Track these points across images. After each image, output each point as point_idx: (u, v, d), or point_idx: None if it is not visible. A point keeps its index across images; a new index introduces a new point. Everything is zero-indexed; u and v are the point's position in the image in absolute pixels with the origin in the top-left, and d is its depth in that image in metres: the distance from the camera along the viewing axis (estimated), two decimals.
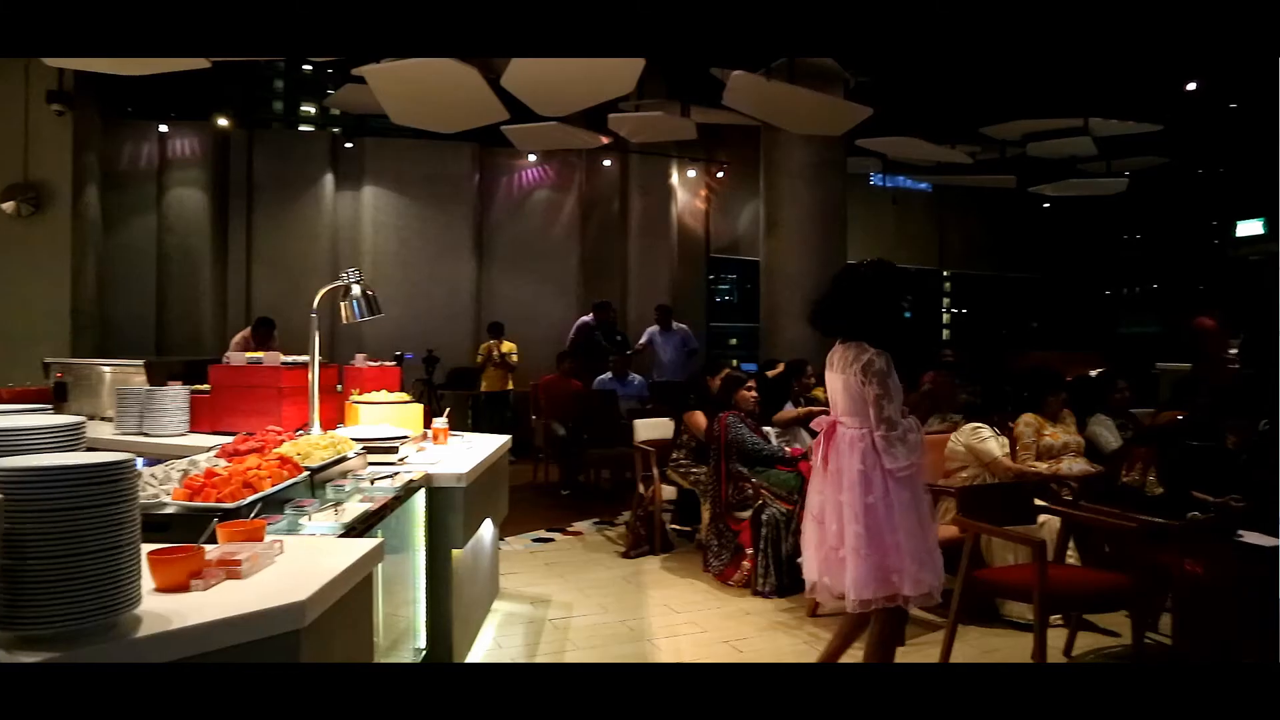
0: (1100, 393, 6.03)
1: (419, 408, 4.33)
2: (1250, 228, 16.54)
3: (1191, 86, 9.74)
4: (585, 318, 10.38)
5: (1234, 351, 8.66)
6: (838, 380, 3.30)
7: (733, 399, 5.49)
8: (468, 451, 3.98)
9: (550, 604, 4.88)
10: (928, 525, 3.21)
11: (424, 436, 4.18)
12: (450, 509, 3.47)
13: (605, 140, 9.47)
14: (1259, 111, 11.64)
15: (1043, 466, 4.96)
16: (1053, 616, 3.70)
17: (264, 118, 12.10)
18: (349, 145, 11.06)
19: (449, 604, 3.55)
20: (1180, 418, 4.77)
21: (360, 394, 4.31)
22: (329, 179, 10.99)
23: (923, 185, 14.77)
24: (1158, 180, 12.94)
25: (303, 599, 1.77)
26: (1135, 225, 17.14)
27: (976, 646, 4.22)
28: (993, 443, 4.92)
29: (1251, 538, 3.89)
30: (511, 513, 4.98)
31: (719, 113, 8.74)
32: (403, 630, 3.33)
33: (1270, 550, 3.79)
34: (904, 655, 4.11)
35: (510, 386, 9.97)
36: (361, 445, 3.49)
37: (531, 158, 11.73)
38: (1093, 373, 8.39)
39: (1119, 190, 11.81)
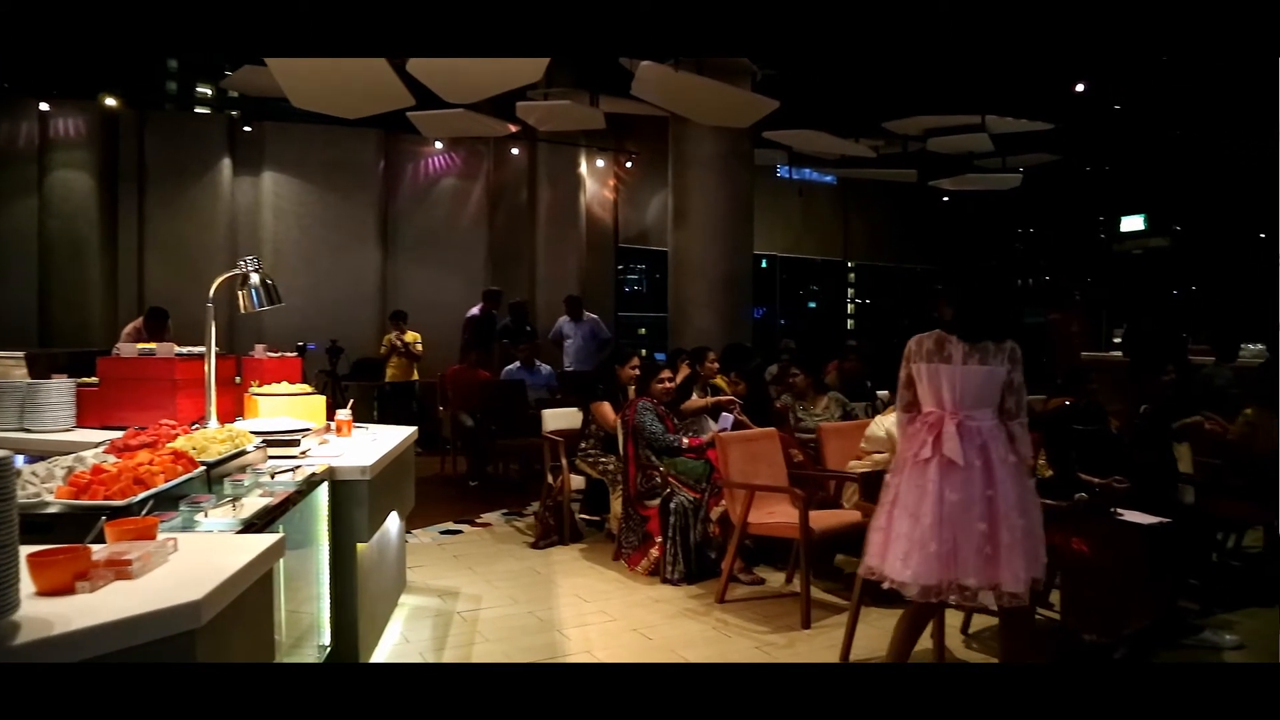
0: None
1: (321, 399, 4.23)
2: (1132, 223, 17.37)
3: (1080, 88, 10.16)
4: (474, 310, 10.30)
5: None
6: (971, 373, 3.20)
7: (648, 389, 5.51)
8: (372, 444, 3.91)
9: (459, 596, 4.84)
10: None
11: (327, 429, 4.08)
12: (354, 502, 3.40)
13: (513, 129, 9.39)
14: (1141, 113, 12.22)
15: None
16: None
17: (156, 98, 11.62)
18: (248, 129, 10.69)
19: (354, 599, 3.48)
20: (1068, 404, 4.97)
21: (260, 386, 4.18)
22: (226, 164, 10.61)
23: (828, 178, 15.06)
24: (1049, 177, 13.46)
25: (198, 598, 1.71)
26: (1028, 219, 17.81)
27: (879, 628, 4.32)
28: None
29: (1132, 516, 4.10)
30: (419, 505, 4.91)
31: (628, 103, 8.75)
32: (306, 627, 3.25)
33: (1150, 528, 4.01)
34: (808, 638, 4.22)
35: (416, 377, 9.82)
36: (261, 439, 3.39)
37: (438, 145, 11.55)
38: None
39: (1013, 186, 12.24)
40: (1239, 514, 5.05)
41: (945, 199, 15.43)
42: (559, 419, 6.37)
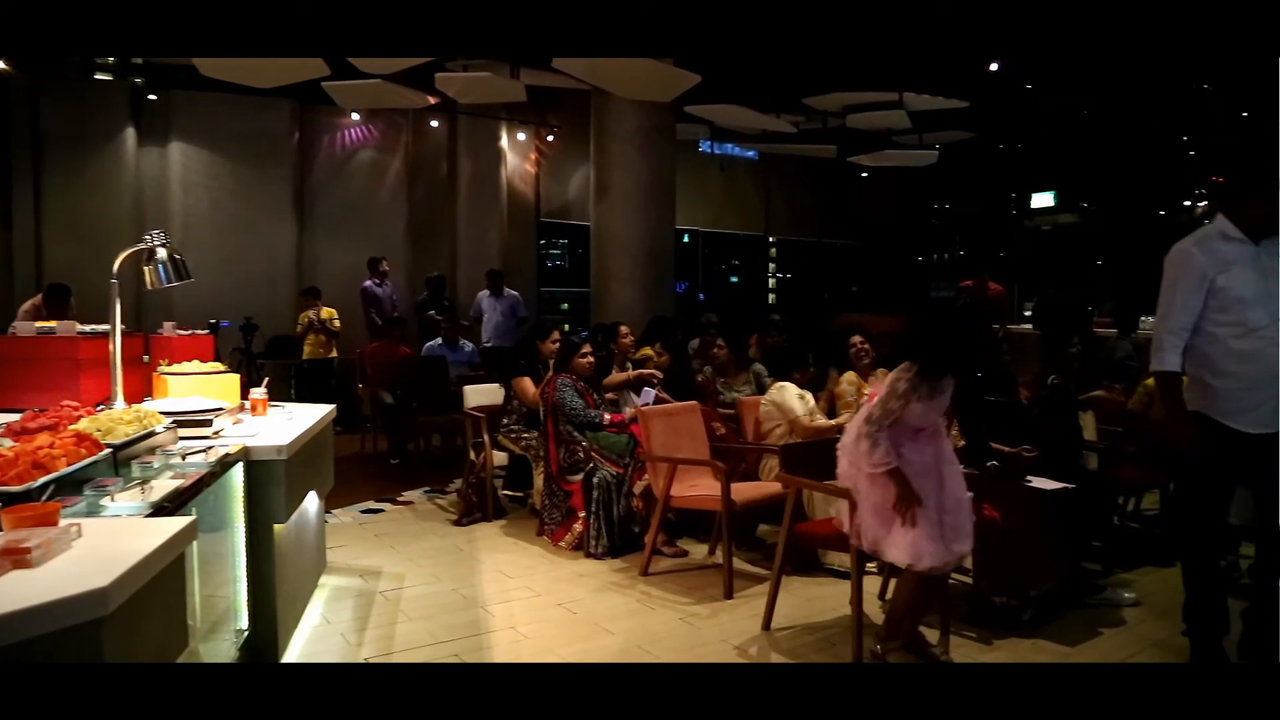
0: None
1: (235, 378, 4.12)
2: (1043, 199, 17.89)
3: (994, 68, 10.37)
4: (366, 282, 10.15)
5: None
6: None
7: (569, 364, 5.50)
8: (289, 422, 3.83)
9: (381, 576, 4.79)
10: None
11: (241, 408, 3.98)
12: (271, 483, 3.33)
13: (432, 100, 9.20)
14: (1053, 93, 12.55)
15: (836, 421, 5.12)
16: (869, 564, 3.92)
17: (52, 63, 11.06)
18: (153, 97, 10.25)
19: (272, 582, 3.41)
20: (979, 375, 5.12)
21: (169, 365, 4.05)
22: (130, 133, 10.18)
23: (749, 153, 15.14)
24: (964, 154, 13.75)
25: (104, 585, 1.66)
26: (944, 195, 18.20)
27: (800, 596, 4.43)
28: (796, 400, 5.15)
29: (1039, 483, 4.25)
30: (339, 484, 4.84)
31: (549, 75, 8.66)
32: (223, 612, 3.18)
33: (1055, 493, 4.16)
34: (731, 608, 4.29)
35: (334, 354, 9.62)
36: (171, 419, 3.29)
37: (355, 116, 11.27)
38: None
39: (930, 162, 12.46)
40: (1138, 479, 5.28)
41: (864, 174, 15.66)
42: (481, 395, 6.32)
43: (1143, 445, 5.29)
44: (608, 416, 5.38)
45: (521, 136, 12.67)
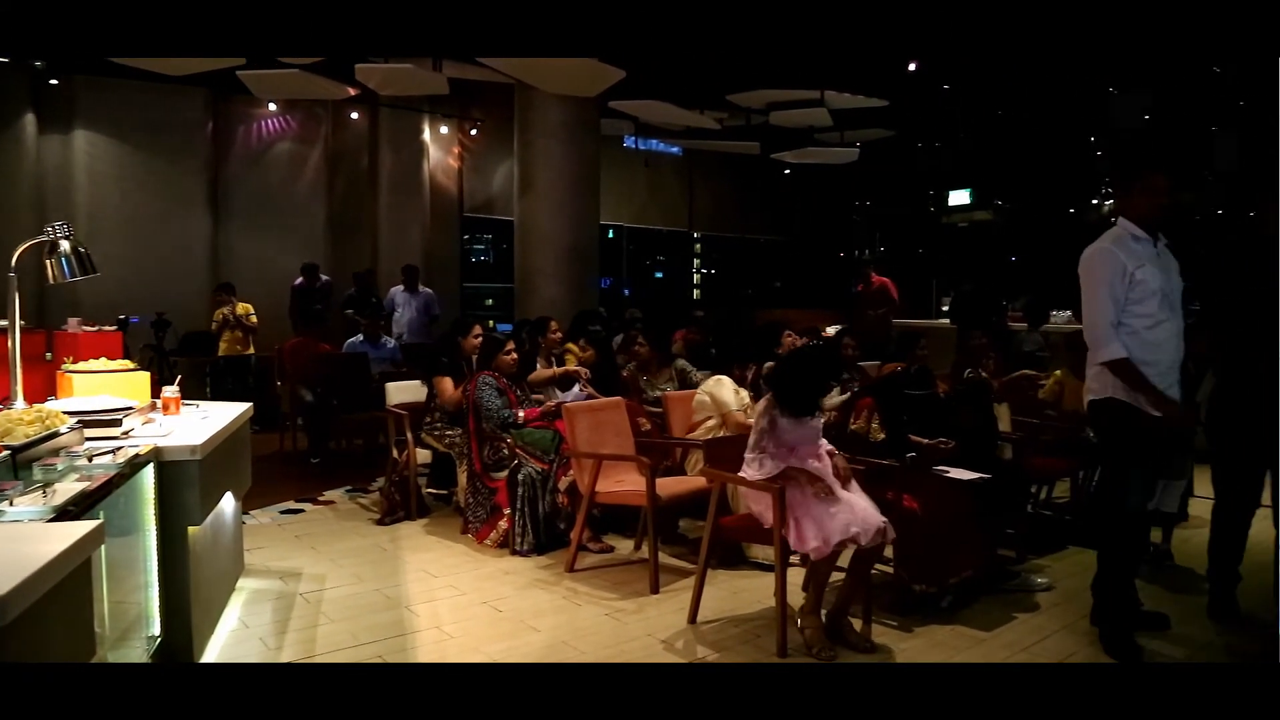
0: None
1: (145, 376, 3.98)
2: (959, 197, 18.36)
3: (912, 67, 10.60)
4: (297, 280, 9.97)
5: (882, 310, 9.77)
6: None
7: (492, 362, 5.45)
8: (203, 421, 3.71)
9: (301, 577, 4.68)
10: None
11: (152, 407, 3.85)
12: (184, 484, 3.22)
13: (353, 91, 9.02)
14: (967, 93, 12.88)
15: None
16: (792, 557, 3.97)
17: None
18: (54, 82, 9.85)
19: (186, 586, 3.31)
20: (899, 369, 5.23)
21: (74, 362, 3.90)
22: (30, 120, 9.76)
23: (674, 149, 15.20)
24: (884, 152, 14.03)
25: (2, 594, 1.58)
26: (865, 192, 18.54)
27: (725, 589, 4.46)
28: (731, 394, 5.21)
29: (957, 473, 4.36)
30: (257, 484, 4.71)
31: (472, 68, 8.58)
32: (134, 618, 3.07)
33: (972, 483, 4.28)
34: (657, 603, 4.30)
35: (251, 351, 9.37)
36: (77, 419, 3.16)
37: (272, 106, 10.99)
38: (830, 330, 9.05)
39: (851, 159, 12.69)
40: (1050, 468, 5.45)
41: (787, 171, 15.86)
42: (403, 392, 6.22)
43: (1056, 435, 5.47)
44: (521, 414, 5.32)
45: (444, 130, 12.52)
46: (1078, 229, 17.32)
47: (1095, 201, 17.15)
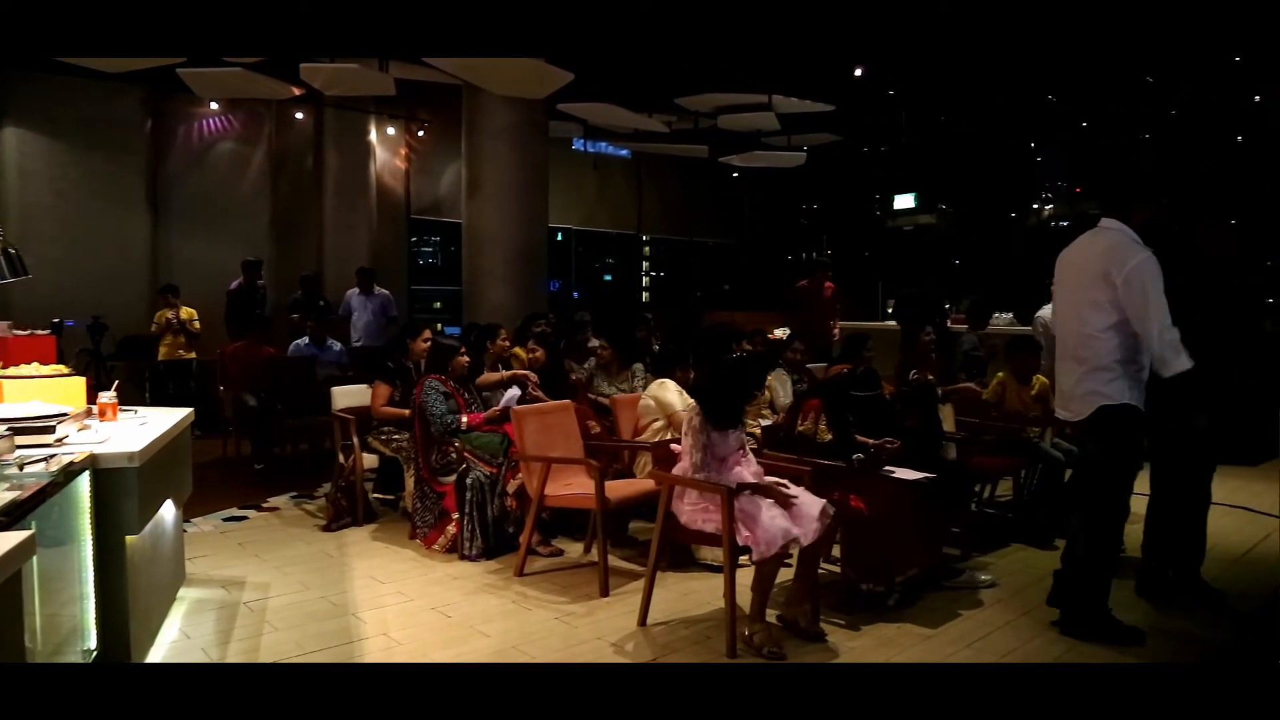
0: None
1: (81, 381, 3.88)
2: (904, 201, 18.64)
3: (858, 73, 10.73)
4: (235, 283, 9.81)
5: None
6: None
7: (444, 366, 5.41)
8: (141, 428, 3.63)
9: (245, 586, 4.59)
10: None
11: (88, 413, 3.75)
12: (122, 492, 3.15)
13: (297, 91, 8.88)
14: (912, 99, 13.08)
15: None
16: (742, 557, 3.99)
17: None
18: None
19: (124, 597, 3.23)
20: (846, 370, 5.29)
21: (5, 368, 3.79)
22: None
23: (623, 152, 15.21)
24: (831, 156, 14.19)
25: None
26: (812, 196, 18.74)
27: (675, 591, 4.48)
28: (675, 396, 5.23)
29: (902, 473, 4.42)
30: (199, 491, 4.62)
31: (419, 69, 8.50)
32: (69, 631, 2.99)
33: (917, 483, 4.34)
34: (607, 605, 4.30)
35: (192, 355, 9.18)
36: (7, 426, 3.08)
37: (213, 105, 10.78)
38: (778, 331, 9.12)
39: (798, 163, 12.79)
40: (993, 467, 5.56)
41: (735, 175, 15.95)
42: (350, 396, 6.14)
43: (998, 435, 5.57)
44: (464, 419, 5.27)
45: (391, 131, 12.39)
46: (1018, 233, 17.71)
47: (1035, 206, 17.53)
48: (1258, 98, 12.99)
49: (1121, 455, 3.85)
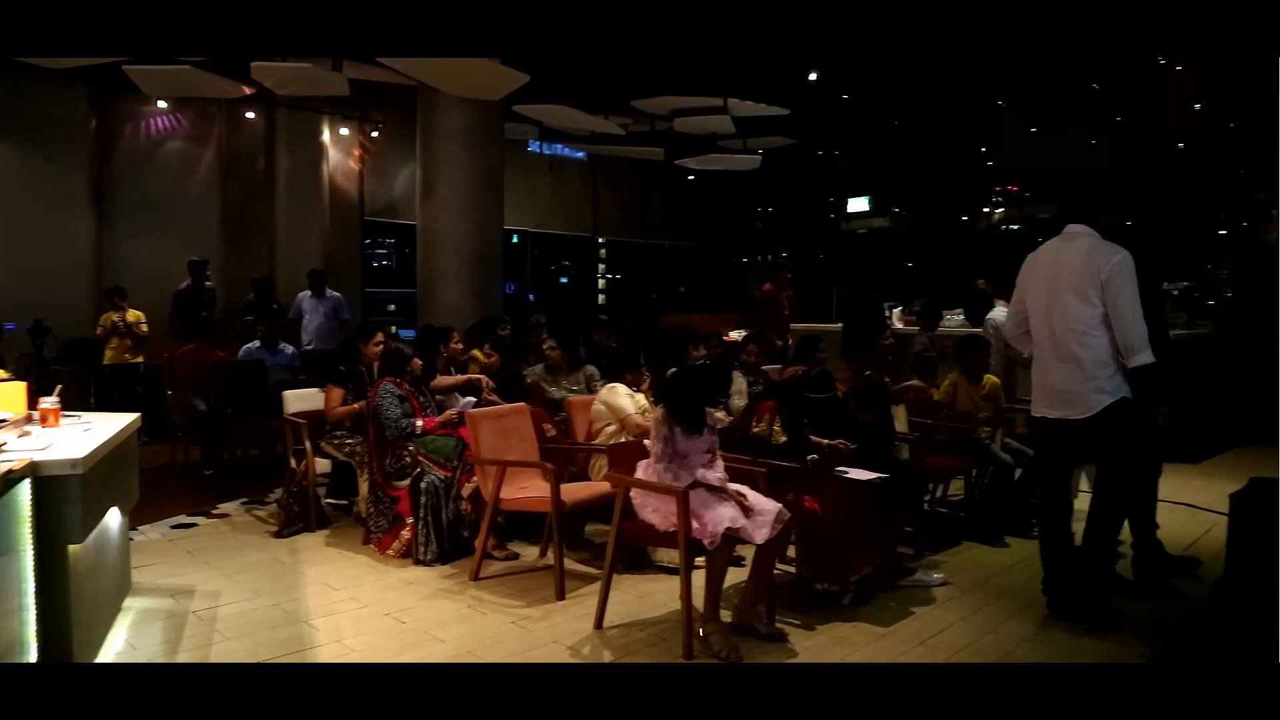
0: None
1: (20, 386, 3.79)
2: (859, 204, 18.84)
3: (813, 77, 10.83)
4: (184, 284, 9.65)
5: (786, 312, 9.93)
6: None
7: (403, 370, 5.36)
8: (85, 434, 3.55)
9: (194, 594, 4.50)
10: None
11: (28, 419, 3.66)
12: (64, 500, 3.07)
13: (248, 90, 8.72)
14: (866, 103, 13.23)
15: None
16: (697, 559, 4.00)
17: None
18: None
19: (66, 607, 3.15)
20: (800, 372, 5.33)
21: None
22: None
23: (578, 154, 15.19)
24: (786, 159, 14.29)
25: None
26: (767, 199, 18.86)
27: (631, 593, 4.47)
28: (626, 400, 5.23)
29: (856, 474, 4.47)
30: (146, 498, 4.53)
31: (373, 69, 8.40)
32: (7, 645, 2.92)
33: (870, 483, 4.39)
34: (563, 609, 4.29)
35: (140, 359, 8.99)
36: None
37: (161, 104, 10.57)
38: (735, 334, 9.17)
39: (754, 166, 12.86)
40: (944, 467, 5.63)
41: (690, 177, 16.00)
42: (302, 400, 6.06)
43: (950, 435, 5.65)
44: (419, 423, 5.22)
45: (345, 132, 12.26)
46: (971, 236, 17.98)
47: (986, 210, 17.81)
48: (1198, 106, 13.34)
49: (1139, 444, 4.12)
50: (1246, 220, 13.32)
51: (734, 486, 3.99)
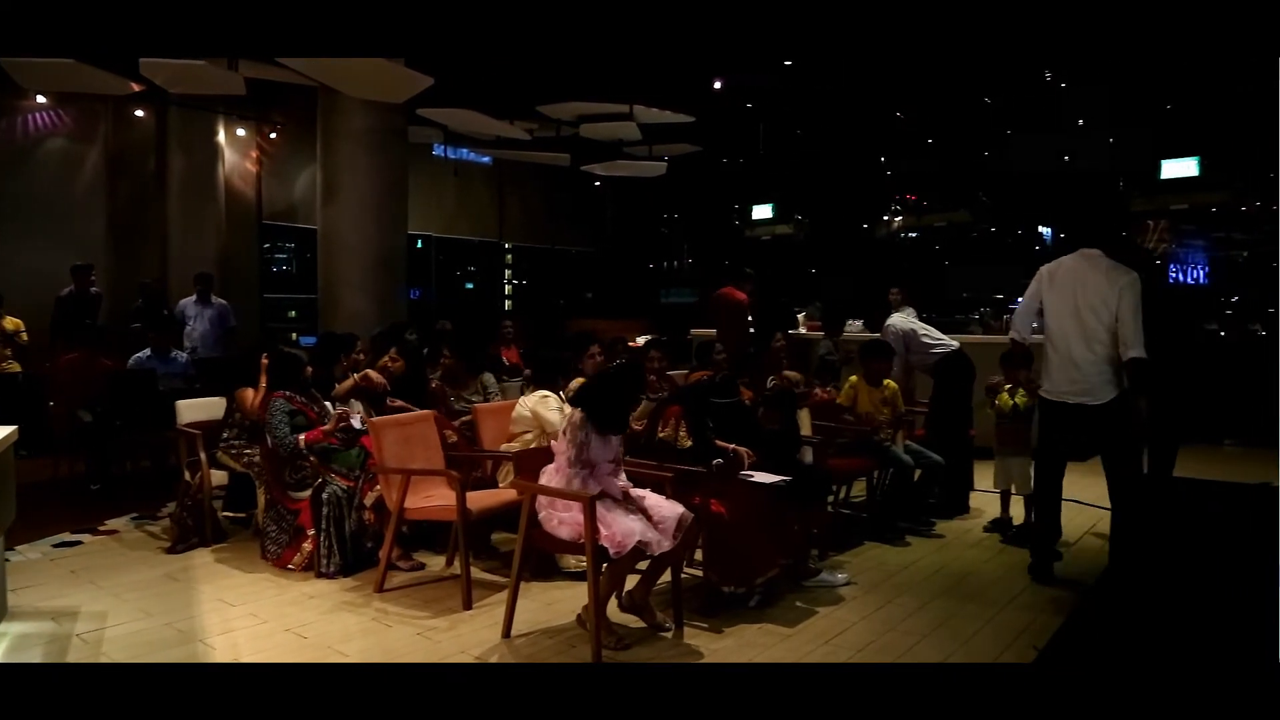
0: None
1: None
2: (762, 211, 19.18)
3: (718, 85, 10.98)
4: (65, 290, 9.26)
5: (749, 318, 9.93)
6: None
7: (291, 381, 5.20)
8: None
9: (78, 616, 4.28)
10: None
11: None
12: None
13: (137, 87, 8.37)
14: (769, 112, 13.47)
15: None
16: (605, 565, 3.99)
17: None
18: None
19: None
20: (705, 377, 5.37)
21: None
22: None
23: (484, 159, 15.07)
24: (691, 166, 14.44)
25: None
26: (673, 205, 19.03)
27: (539, 600, 4.44)
28: (556, 415, 5.14)
29: (760, 477, 4.53)
30: (25, 515, 4.30)
31: (271, 69, 8.17)
32: None
33: (775, 486, 4.45)
34: (470, 619, 4.23)
35: (18, 369, 8.54)
36: None
37: (41, 100, 10.08)
38: (640, 339, 9.20)
39: (659, 173, 12.96)
40: (847, 468, 5.75)
41: (597, 184, 16.04)
42: (196, 410, 5.84)
43: (853, 438, 5.77)
44: (302, 439, 5.04)
45: (241, 133, 11.91)
46: (869, 244, 18.47)
47: (885, 218, 18.32)
48: (1081, 121, 13.98)
49: (1130, 430, 4.68)
50: (1125, 230, 14.03)
51: (635, 491, 4.04)
